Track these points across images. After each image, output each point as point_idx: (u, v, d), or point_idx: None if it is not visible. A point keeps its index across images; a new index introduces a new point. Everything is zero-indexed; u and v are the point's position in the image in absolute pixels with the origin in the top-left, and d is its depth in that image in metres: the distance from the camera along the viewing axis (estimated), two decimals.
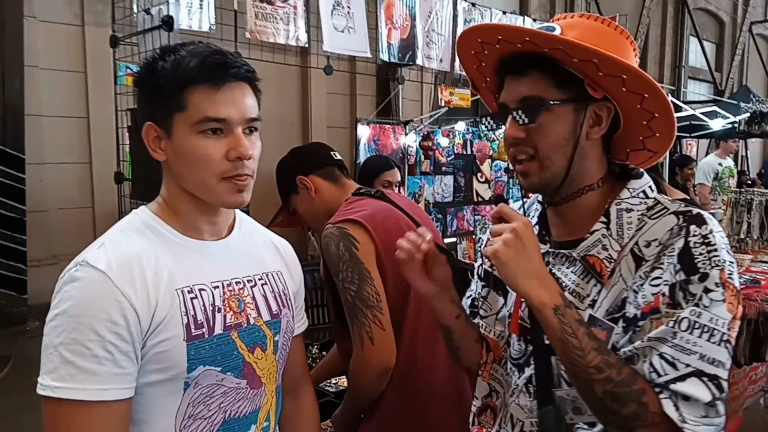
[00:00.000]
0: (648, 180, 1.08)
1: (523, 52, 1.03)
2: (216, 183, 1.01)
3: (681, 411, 0.89)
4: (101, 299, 0.93)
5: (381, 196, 1.71)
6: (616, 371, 0.93)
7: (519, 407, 1.16)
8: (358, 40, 3.57)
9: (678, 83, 13.51)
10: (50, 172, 6.23)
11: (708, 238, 0.95)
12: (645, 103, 1.01)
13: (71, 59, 6.29)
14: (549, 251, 1.12)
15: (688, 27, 14.37)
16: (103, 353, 0.92)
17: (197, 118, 0.99)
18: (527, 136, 1.04)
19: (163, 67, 1.00)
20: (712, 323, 0.91)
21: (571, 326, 0.94)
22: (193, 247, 1.07)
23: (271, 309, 1.15)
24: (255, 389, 1.09)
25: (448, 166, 7.02)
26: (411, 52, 4.16)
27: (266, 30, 3.20)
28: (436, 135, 6.86)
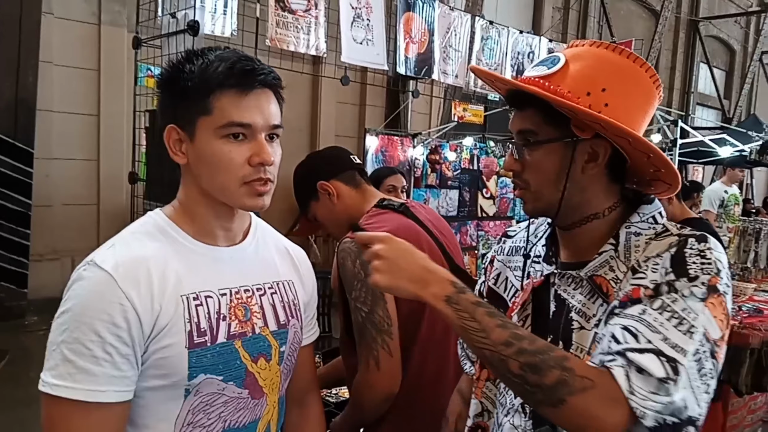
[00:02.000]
0: (658, 206, 1.09)
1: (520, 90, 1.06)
2: (237, 187, 1.01)
3: (631, 381, 0.86)
4: (104, 300, 0.93)
5: (405, 210, 1.64)
6: (528, 341, 0.91)
7: (513, 427, 1.14)
8: (375, 53, 3.59)
9: (686, 109, 13.55)
10: (58, 168, 6.25)
11: (705, 253, 0.95)
12: (651, 159, 1.02)
13: (85, 57, 6.33)
14: (555, 272, 1.12)
15: (699, 54, 14.44)
16: (102, 354, 0.91)
17: (222, 123, 0.99)
18: (521, 169, 1.07)
19: (191, 71, 1.00)
20: (684, 313, 0.90)
21: (467, 311, 0.94)
22: (205, 252, 1.06)
23: (279, 319, 1.13)
24: (256, 399, 1.08)
25: (454, 181, 7.03)
26: (427, 66, 4.19)
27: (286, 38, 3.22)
28: (444, 149, 6.87)
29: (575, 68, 1.02)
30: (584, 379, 0.87)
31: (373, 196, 1.70)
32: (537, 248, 1.20)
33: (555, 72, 1.03)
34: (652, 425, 0.87)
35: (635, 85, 1.03)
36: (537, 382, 0.89)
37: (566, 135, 1.02)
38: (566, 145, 1.03)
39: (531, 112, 1.05)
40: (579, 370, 0.88)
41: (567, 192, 1.04)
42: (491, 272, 1.30)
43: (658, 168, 1.04)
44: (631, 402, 0.85)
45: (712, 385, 0.91)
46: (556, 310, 1.09)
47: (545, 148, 1.04)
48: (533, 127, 1.05)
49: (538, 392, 0.89)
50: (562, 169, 1.04)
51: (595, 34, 11.62)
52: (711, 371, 0.90)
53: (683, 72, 14.17)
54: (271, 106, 1.04)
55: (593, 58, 1.04)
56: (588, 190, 1.06)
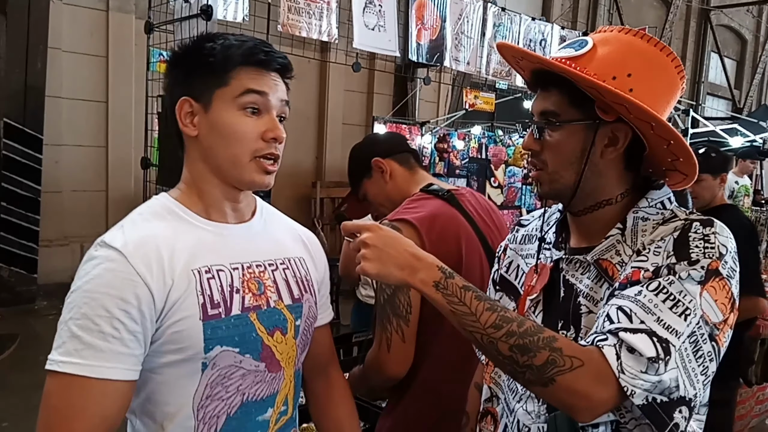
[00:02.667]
0: (667, 192, 1.09)
1: (546, 69, 1.06)
2: (248, 161, 1.04)
3: (621, 360, 0.87)
4: (114, 277, 0.93)
5: (450, 198, 1.63)
6: (517, 324, 0.92)
7: (526, 413, 1.14)
8: (387, 39, 3.56)
9: (697, 99, 13.45)
10: (67, 154, 6.28)
11: (709, 237, 0.95)
12: (671, 146, 1.02)
13: (94, 43, 6.33)
14: (563, 257, 1.13)
15: (710, 43, 14.31)
16: (110, 330, 0.91)
17: (240, 91, 1.02)
18: (540, 150, 1.08)
19: (213, 48, 1.04)
20: (680, 295, 0.90)
21: (456, 295, 0.95)
22: (213, 230, 1.07)
23: (293, 293, 1.14)
24: (273, 373, 1.09)
25: (462, 170, 7.01)
26: (439, 53, 4.15)
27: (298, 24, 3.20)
28: (452, 137, 6.85)
29: (603, 52, 1.02)
30: (573, 359, 0.89)
31: (424, 180, 1.71)
32: (548, 235, 1.20)
33: (582, 54, 1.03)
34: (640, 403, 0.88)
35: (661, 73, 1.02)
36: (526, 362, 0.91)
37: (589, 117, 1.02)
38: (588, 127, 1.03)
39: (555, 93, 1.05)
40: (567, 349, 0.90)
41: (584, 175, 1.04)
42: (504, 260, 1.30)
43: (676, 157, 1.03)
44: (620, 380, 0.87)
45: (710, 368, 0.92)
46: (564, 295, 1.10)
47: (567, 130, 1.04)
48: (556, 108, 1.05)
49: (528, 372, 0.91)
50: (581, 151, 1.04)
51: (606, 22, 11.53)
52: (710, 353, 0.91)
53: (694, 61, 14.04)
54: (283, 88, 1.09)
55: (621, 44, 1.04)
56: (604, 175, 1.06)
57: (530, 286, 1.17)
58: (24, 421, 3.67)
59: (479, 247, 1.61)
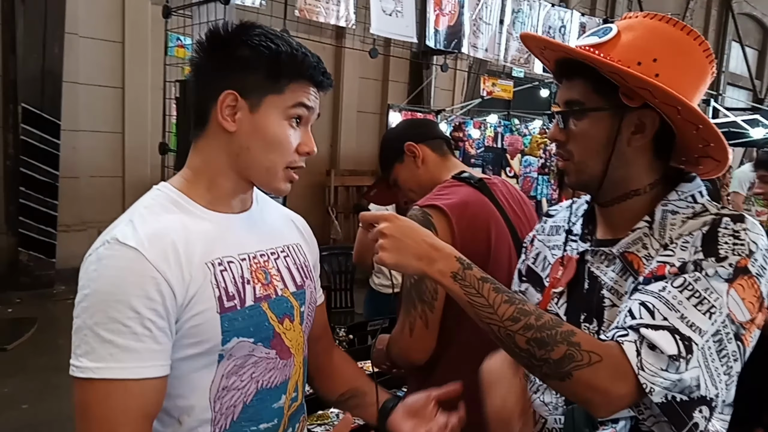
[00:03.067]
0: (699, 185, 1.06)
1: (569, 58, 1.05)
2: (281, 170, 1.06)
3: (642, 357, 0.86)
4: (136, 276, 0.93)
5: (481, 186, 1.62)
6: (534, 317, 0.91)
7: (543, 404, 1.14)
8: (405, 25, 3.53)
9: (717, 89, 13.25)
10: (84, 140, 6.32)
11: (739, 233, 0.93)
12: (700, 131, 0.99)
13: (110, 29, 6.35)
14: (588, 249, 1.11)
15: (731, 32, 14.06)
16: (142, 330, 0.92)
17: (293, 102, 1.04)
18: (566, 140, 1.07)
19: (277, 52, 1.03)
20: (706, 293, 0.88)
21: (474, 286, 0.94)
22: (219, 220, 1.07)
23: (296, 280, 1.16)
24: (284, 359, 1.10)
25: (478, 159, 6.96)
26: (457, 39, 4.12)
27: (315, 9, 3.18)
28: (468, 126, 6.80)
29: (627, 38, 1.01)
30: (591, 353, 0.88)
31: (455, 167, 1.71)
32: (576, 226, 1.19)
33: (606, 41, 1.01)
34: (659, 401, 0.87)
35: (688, 58, 1.00)
36: (544, 356, 0.90)
37: (614, 104, 1.01)
38: (613, 115, 1.01)
39: (579, 82, 1.04)
40: (585, 344, 0.89)
41: (611, 165, 1.03)
42: (531, 251, 1.29)
43: (707, 142, 1.01)
44: (639, 377, 0.86)
45: (735, 368, 0.90)
46: (588, 287, 1.08)
47: (592, 118, 1.03)
48: (580, 97, 1.04)
49: (545, 366, 0.90)
50: (608, 140, 1.02)
51: (625, 9, 11.36)
52: (734, 353, 0.89)
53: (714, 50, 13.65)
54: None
55: (646, 29, 1.02)
56: (632, 164, 1.04)
57: (555, 278, 1.16)
58: (42, 401, 3.74)
59: (508, 237, 1.60)
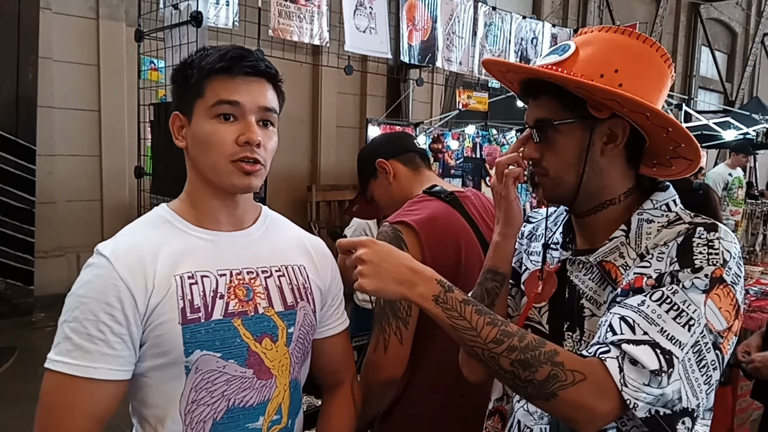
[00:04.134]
0: (673, 194, 1.08)
1: (534, 78, 1.07)
2: (225, 165, 1.06)
3: (625, 373, 0.86)
4: (101, 282, 1.00)
5: (452, 200, 1.62)
6: (518, 338, 0.91)
7: (527, 413, 1.14)
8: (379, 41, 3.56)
9: (689, 92, 13.49)
10: (60, 164, 6.25)
11: (713, 243, 0.94)
12: (670, 134, 1.02)
13: (85, 52, 6.31)
14: (568, 258, 1.12)
15: (701, 37, 14.36)
16: (96, 333, 0.98)
17: (212, 102, 1.06)
18: (540, 157, 1.08)
19: (193, 61, 1.09)
20: (684, 305, 0.89)
21: (456, 309, 0.94)
22: (205, 236, 1.11)
23: (286, 300, 1.15)
24: (263, 380, 1.10)
25: (457, 169, 7.01)
26: (431, 54, 4.15)
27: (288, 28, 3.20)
28: (446, 137, 6.85)
29: (586, 53, 1.03)
30: (575, 373, 0.88)
31: (428, 181, 1.70)
32: (555, 236, 1.20)
33: (566, 58, 1.03)
34: (644, 416, 0.87)
35: (647, 65, 1.02)
36: (528, 377, 0.90)
37: (584, 117, 1.02)
38: (584, 127, 1.03)
39: (546, 100, 1.06)
40: (569, 364, 0.89)
41: (585, 176, 1.04)
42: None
43: (678, 143, 1.03)
44: (623, 393, 0.86)
45: (714, 376, 0.91)
46: (569, 296, 1.09)
47: (563, 133, 1.04)
48: (550, 115, 1.05)
49: (530, 387, 0.90)
50: (581, 152, 1.04)
51: (596, 19, 11.56)
52: (713, 362, 0.90)
53: (685, 56, 14.09)
54: (263, 92, 1.10)
55: (603, 42, 1.04)
56: (606, 174, 1.06)
57: (535, 293, 1.16)
58: (23, 430, 3.66)
59: (479, 249, 1.59)
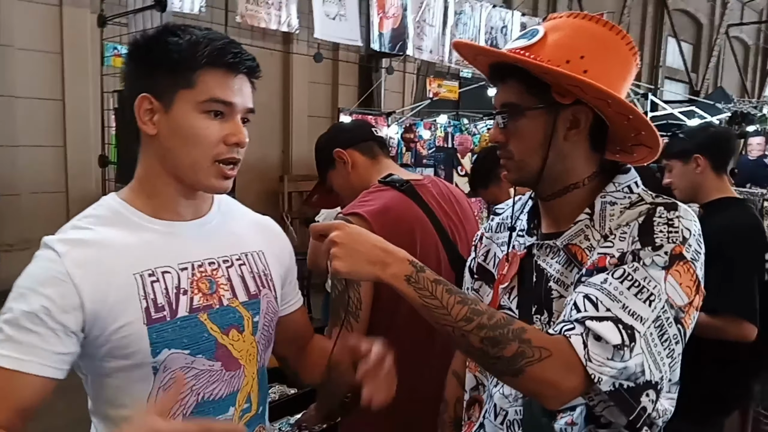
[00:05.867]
0: (634, 176, 1.11)
1: (502, 62, 1.08)
2: (208, 165, 1.02)
3: (588, 348, 0.89)
4: (43, 273, 0.95)
5: (408, 189, 1.60)
6: (487, 316, 0.94)
7: (503, 396, 1.16)
8: (349, 28, 3.54)
9: (655, 82, 13.72)
10: (23, 155, 6.08)
11: (673, 221, 0.98)
12: (631, 121, 1.04)
13: (48, 39, 6.14)
14: (535, 243, 1.14)
15: (667, 27, 14.57)
16: (28, 324, 0.93)
17: (205, 98, 1.00)
18: (506, 140, 1.10)
19: (178, 44, 1.00)
20: (645, 282, 0.93)
21: (427, 288, 0.96)
22: (162, 229, 1.06)
23: (249, 290, 1.13)
24: (232, 371, 1.08)
25: (429, 159, 7.03)
26: (402, 42, 4.16)
27: (257, 15, 3.15)
28: (418, 127, 6.86)
29: (553, 38, 1.04)
30: (541, 349, 0.91)
31: (385, 170, 1.69)
32: (522, 222, 1.21)
33: (534, 43, 1.05)
34: (608, 389, 0.90)
35: (613, 53, 1.04)
36: (497, 354, 0.92)
37: (548, 102, 1.04)
38: (548, 112, 1.05)
39: (513, 84, 1.07)
40: (536, 340, 0.92)
41: (549, 160, 1.06)
42: (480, 249, 1.32)
43: (639, 131, 1.06)
44: (588, 368, 0.89)
45: (677, 350, 0.95)
46: (536, 280, 1.11)
47: (528, 117, 1.06)
48: (516, 99, 1.07)
49: (498, 363, 0.93)
50: (545, 137, 1.06)
51: (566, 9, 11.62)
52: (676, 336, 0.94)
53: (652, 46, 14.31)
54: (250, 92, 1.07)
55: (571, 28, 1.05)
56: (569, 158, 1.08)
57: (502, 274, 1.19)
58: None
59: (435, 238, 1.59)
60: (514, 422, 1.13)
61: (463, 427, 1.33)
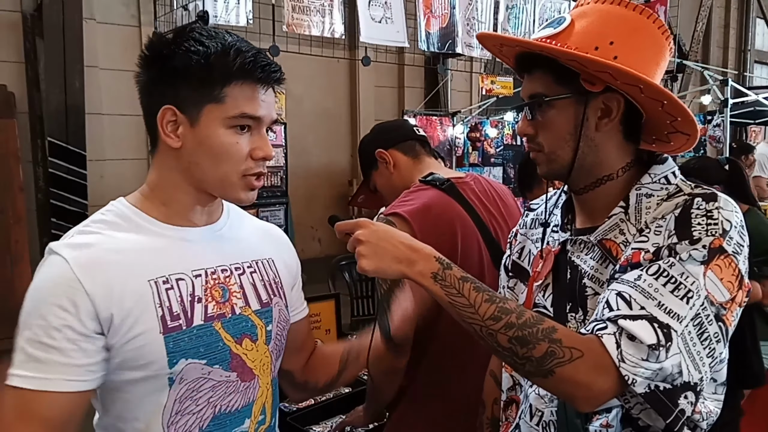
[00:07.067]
0: (672, 166, 1.06)
1: (528, 52, 1.06)
2: (237, 179, 1.01)
3: (622, 349, 0.86)
4: (54, 284, 0.91)
5: (449, 187, 1.60)
6: (516, 315, 0.91)
7: (538, 396, 1.14)
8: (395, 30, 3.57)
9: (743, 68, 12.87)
10: (110, 168, 6.50)
11: (712, 213, 0.92)
12: (665, 107, 1.00)
13: (128, 59, 6.47)
14: (569, 239, 1.11)
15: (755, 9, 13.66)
16: (47, 340, 0.88)
17: (234, 113, 0.97)
18: (535, 132, 1.07)
19: (206, 54, 0.96)
20: (682, 278, 0.89)
21: (454, 286, 0.94)
22: (174, 235, 1.03)
23: (261, 298, 1.10)
24: (246, 382, 1.05)
25: (497, 157, 6.94)
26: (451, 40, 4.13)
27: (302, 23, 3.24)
28: (485, 126, 6.79)
29: (581, 25, 1.02)
30: (572, 350, 0.88)
31: (427, 169, 1.69)
32: (556, 217, 1.19)
33: (561, 31, 1.03)
34: (643, 391, 0.86)
35: (644, 37, 1.01)
36: (526, 354, 0.90)
37: (577, 91, 1.01)
38: (578, 101, 1.02)
39: (540, 75, 1.05)
40: (567, 340, 0.89)
41: (581, 151, 1.04)
42: (515, 246, 1.30)
43: (674, 117, 1.01)
44: (621, 369, 0.86)
45: (718, 349, 0.90)
46: (570, 277, 1.08)
47: (557, 108, 1.04)
48: (543, 90, 1.05)
49: (528, 364, 0.90)
50: (575, 127, 1.03)
51: None
52: (717, 334, 0.89)
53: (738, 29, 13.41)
54: (274, 103, 1.05)
55: (599, 14, 1.03)
56: (602, 149, 1.05)
57: (536, 272, 1.17)
58: None
59: (477, 236, 1.58)
60: (550, 423, 1.11)
61: (501, 427, 1.31)
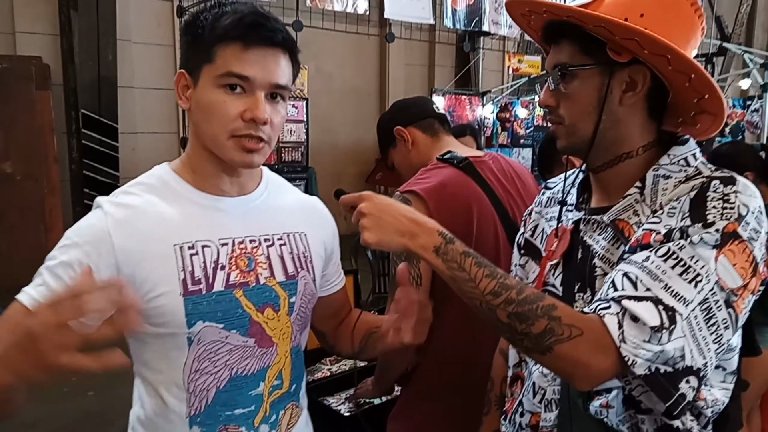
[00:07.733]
0: (693, 147, 1.03)
1: (554, 20, 1.03)
2: (225, 140, 1.01)
3: (624, 330, 0.84)
4: (87, 228, 0.98)
5: (466, 166, 1.58)
6: (516, 291, 0.90)
7: (542, 375, 1.13)
8: (421, 7, 3.53)
9: None
10: (142, 141, 6.63)
11: (729, 196, 0.89)
12: (693, 82, 0.96)
13: (161, 33, 6.61)
14: (582, 218, 1.09)
15: None
16: (61, 272, 0.95)
17: (221, 71, 0.99)
18: (557, 104, 1.05)
19: (205, 19, 1.01)
20: (692, 261, 0.86)
21: (456, 260, 0.93)
22: (207, 203, 1.06)
23: (287, 270, 1.12)
24: (264, 348, 1.09)
25: (527, 139, 6.84)
26: (477, 18, 4.06)
27: None
28: (515, 106, 6.69)
29: None
30: (572, 327, 0.87)
31: (445, 147, 1.68)
32: (572, 197, 1.17)
33: (591, 2, 1.00)
34: (643, 373, 0.85)
35: (675, 12, 0.98)
36: (524, 330, 0.89)
37: (603, 62, 0.99)
38: (602, 73, 1.00)
39: (566, 45, 1.03)
40: (566, 318, 0.88)
41: (602, 125, 1.01)
42: (529, 224, 1.29)
43: (701, 94, 0.98)
44: (621, 350, 0.84)
45: (726, 336, 0.88)
46: (581, 257, 1.07)
47: (581, 78, 1.01)
48: (568, 60, 1.02)
49: (526, 340, 0.90)
50: (598, 100, 1.01)
51: None
52: (725, 321, 0.87)
53: None
54: (278, 66, 1.03)
55: None
56: (624, 124, 1.02)
57: (551, 251, 1.16)
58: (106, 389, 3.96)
59: (494, 215, 1.57)
60: (552, 401, 1.10)
61: (506, 403, 1.32)
